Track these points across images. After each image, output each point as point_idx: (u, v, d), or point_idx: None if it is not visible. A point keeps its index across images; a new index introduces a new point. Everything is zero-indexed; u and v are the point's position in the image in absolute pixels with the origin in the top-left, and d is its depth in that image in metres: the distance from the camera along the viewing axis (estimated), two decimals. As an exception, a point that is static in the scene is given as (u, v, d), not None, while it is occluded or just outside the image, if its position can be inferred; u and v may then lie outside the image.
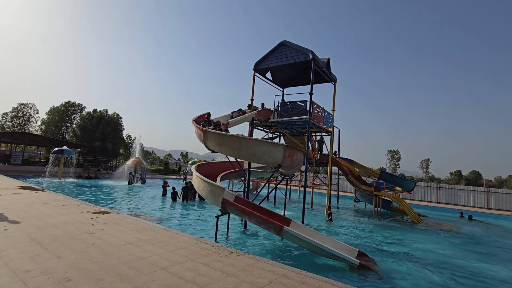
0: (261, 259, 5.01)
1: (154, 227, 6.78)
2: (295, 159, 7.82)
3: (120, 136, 35.67)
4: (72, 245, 4.91)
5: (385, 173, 16.20)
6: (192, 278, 3.88)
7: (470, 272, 6.64)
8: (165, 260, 4.50)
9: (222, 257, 4.91)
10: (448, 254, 8.21)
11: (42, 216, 6.93)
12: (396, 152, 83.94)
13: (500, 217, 18.58)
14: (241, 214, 7.13)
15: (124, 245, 5.11)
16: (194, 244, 5.54)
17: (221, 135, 7.58)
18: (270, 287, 3.80)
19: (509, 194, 22.24)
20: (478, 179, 73.25)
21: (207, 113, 10.16)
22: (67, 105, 40.67)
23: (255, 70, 13.04)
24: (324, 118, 12.87)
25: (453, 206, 22.14)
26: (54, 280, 3.47)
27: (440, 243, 9.64)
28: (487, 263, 7.65)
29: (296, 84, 15.90)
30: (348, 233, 10.17)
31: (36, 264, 3.95)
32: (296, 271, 4.50)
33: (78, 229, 5.97)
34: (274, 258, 6.49)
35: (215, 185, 7.50)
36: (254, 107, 12.55)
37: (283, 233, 6.45)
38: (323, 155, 16.37)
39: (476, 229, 13.29)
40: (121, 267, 4.07)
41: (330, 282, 4.17)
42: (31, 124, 43.88)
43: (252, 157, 7.40)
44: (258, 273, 4.28)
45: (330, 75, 13.39)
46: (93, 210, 8.26)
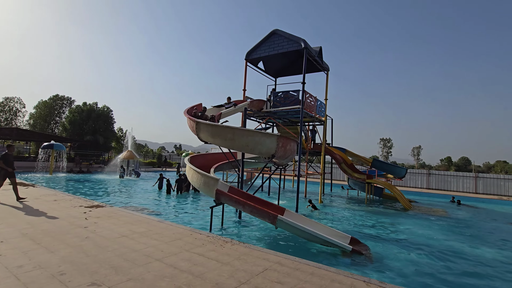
0: (255, 247, 5.07)
1: (149, 219, 6.78)
2: (288, 149, 7.83)
3: (111, 129, 35.11)
4: (65, 239, 4.88)
5: (377, 161, 16.44)
6: (188, 268, 3.91)
7: (458, 254, 6.87)
8: (160, 252, 4.51)
9: (217, 246, 4.95)
10: (437, 237, 8.45)
11: (32, 211, 6.84)
12: (388, 140, 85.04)
13: (488, 201, 19.16)
14: (235, 205, 7.17)
15: (118, 238, 5.10)
16: (189, 235, 5.57)
17: (214, 126, 7.52)
18: (264, 274, 3.86)
19: (496, 179, 22.88)
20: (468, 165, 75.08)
21: (200, 105, 10.06)
22: (56, 99, 39.65)
23: (247, 60, 12.89)
24: (316, 108, 12.88)
25: (443, 192, 22.70)
26: (48, 275, 3.45)
27: (429, 227, 9.91)
28: (474, 245, 7.91)
29: (289, 73, 15.80)
30: (341, 220, 10.35)
31: (28, 259, 3.92)
32: (290, 258, 4.57)
33: (71, 224, 5.92)
34: (269, 247, 6.57)
35: (208, 176, 7.49)
36: (246, 98, 12.47)
37: (277, 222, 6.52)
38: (316, 145, 16.46)
39: (464, 213, 13.69)
40: (115, 259, 4.07)
41: (323, 267, 4.26)
42: (19, 118, 42.83)
43: (245, 147, 7.39)
44: (252, 261, 4.34)
45: (323, 64, 13.33)
46: (86, 204, 8.19)
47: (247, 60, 12.86)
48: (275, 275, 3.84)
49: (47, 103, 39.00)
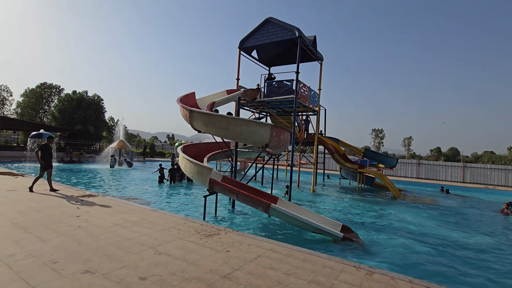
0: (248, 235, 5.14)
1: (142, 208, 6.78)
2: (282, 139, 7.84)
3: (102, 118, 34.50)
4: (57, 228, 4.85)
5: (368, 151, 16.67)
6: (181, 255, 3.95)
7: (444, 240, 7.10)
8: (153, 240, 4.53)
9: (211, 234, 5.00)
10: (425, 224, 8.71)
11: (23, 201, 6.75)
12: (381, 131, 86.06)
13: (474, 190, 19.73)
14: (229, 194, 7.20)
15: (111, 227, 5.10)
16: (183, 224, 5.60)
17: (208, 114, 7.46)
18: (258, 260, 3.93)
19: (483, 169, 23.52)
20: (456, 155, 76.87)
21: (193, 93, 9.94)
22: (43, 87, 38.60)
23: (240, 49, 12.71)
24: (310, 98, 12.87)
25: (433, 181, 23.25)
26: (40, 263, 3.44)
27: (418, 215, 10.18)
28: (460, 231, 8.18)
29: (283, 63, 15.68)
30: (333, 209, 10.54)
31: (20, 248, 3.89)
32: (283, 245, 4.66)
33: (62, 213, 5.88)
34: (262, 235, 6.67)
35: (202, 165, 7.48)
36: (239, 87, 12.36)
37: (271, 210, 6.60)
38: (310, 135, 16.54)
39: (452, 202, 14.09)
40: (109, 247, 4.08)
41: (315, 254, 4.36)
42: (6, 107, 41.67)
43: (239, 137, 7.36)
44: (246, 248, 4.41)
45: (317, 53, 13.25)
46: (78, 194, 8.12)
47: (240, 48, 12.68)
48: (268, 262, 3.91)
49: (34, 91, 37.97)
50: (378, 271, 3.81)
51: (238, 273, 3.48)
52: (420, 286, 3.44)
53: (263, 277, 3.43)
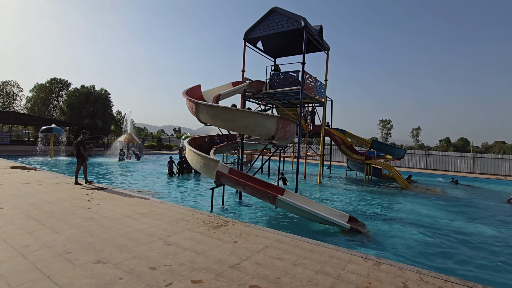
0: (255, 226, 5.19)
1: (151, 200, 6.89)
2: (288, 131, 7.80)
3: (109, 112, 34.86)
4: (69, 220, 4.98)
5: (376, 142, 16.49)
6: (190, 246, 4.02)
7: (453, 230, 7.05)
8: (162, 231, 4.62)
9: (219, 226, 5.06)
10: (433, 215, 8.64)
11: (36, 194, 6.93)
12: (388, 122, 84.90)
13: (485, 181, 19.42)
14: (235, 186, 7.25)
15: (121, 219, 5.20)
16: (191, 215, 5.68)
17: (214, 107, 7.46)
18: (265, 251, 3.98)
19: (494, 159, 23.07)
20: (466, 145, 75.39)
21: (199, 86, 9.93)
22: (53, 82, 39.07)
23: (245, 40, 12.57)
24: (316, 89, 12.72)
25: (441, 172, 22.95)
26: (54, 253, 3.55)
27: (426, 206, 10.10)
28: (468, 221, 8.10)
29: (289, 53, 15.47)
30: (340, 200, 10.53)
31: (34, 239, 4.01)
32: (290, 236, 4.69)
33: (74, 205, 6.02)
34: (269, 226, 6.72)
35: (208, 158, 7.52)
36: (245, 79, 12.29)
37: (277, 202, 6.63)
38: (316, 126, 16.43)
39: (461, 192, 13.91)
40: (119, 238, 4.18)
41: (322, 244, 4.38)
42: (16, 102, 42.41)
43: (245, 129, 7.35)
44: (253, 239, 4.45)
45: (323, 43, 13.02)
46: (88, 187, 8.29)
47: (245, 40, 12.55)
48: (275, 252, 3.95)
49: (44, 86, 38.48)
50: (385, 262, 3.82)
51: (246, 263, 3.53)
52: (428, 276, 3.43)
53: (271, 267, 3.47)
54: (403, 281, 3.28)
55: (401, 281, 3.28)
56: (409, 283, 3.23)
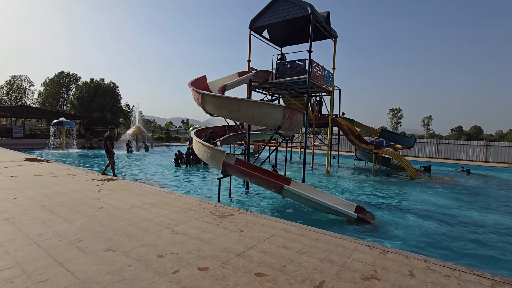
0: (262, 215, 5.23)
1: (159, 191, 7.00)
2: (294, 120, 7.75)
3: (118, 105, 35.28)
4: (81, 210, 5.12)
5: (385, 131, 16.21)
6: (197, 235, 4.09)
7: (462, 220, 6.95)
8: (170, 220, 4.70)
9: (225, 215, 5.12)
10: (443, 205, 8.52)
11: (49, 185, 7.13)
12: (398, 111, 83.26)
13: (497, 169, 18.96)
14: (242, 176, 7.29)
15: (131, 209, 5.32)
16: (198, 205, 5.75)
17: (220, 97, 7.44)
18: (271, 240, 4.01)
19: (507, 147, 22.43)
20: (479, 134, 73.39)
21: (204, 77, 9.90)
22: (62, 76, 39.68)
23: (251, 29, 12.39)
24: (324, 77, 12.51)
25: (452, 161, 22.50)
26: (66, 242, 3.67)
27: (436, 195, 9.96)
28: (479, 211, 7.96)
29: (295, 42, 15.19)
30: (348, 190, 10.48)
31: (47, 228, 4.15)
32: (296, 225, 4.72)
33: (85, 196, 6.18)
34: (275, 216, 6.77)
35: (215, 149, 7.56)
36: (251, 69, 12.17)
37: (284, 192, 6.65)
38: (324, 116, 16.24)
39: (472, 181, 13.64)
40: (128, 227, 4.28)
41: (328, 233, 4.39)
42: (28, 97, 43.31)
43: (251, 119, 7.33)
44: (259, 228, 4.49)
45: (330, 30, 12.71)
46: (98, 178, 8.48)
47: (251, 28, 12.36)
48: (281, 241, 3.98)
49: (53, 80, 39.12)
50: (392, 250, 3.80)
51: (252, 252, 3.57)
52: (435, 265, 3.41)
53: (276, 255, 3.50)
54: (409, 269, 3.27)
55: (407, 269, 3.27)
56: (416, 271, 3.21)
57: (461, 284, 2.97)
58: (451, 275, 3.16)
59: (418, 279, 3.05)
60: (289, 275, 3.01)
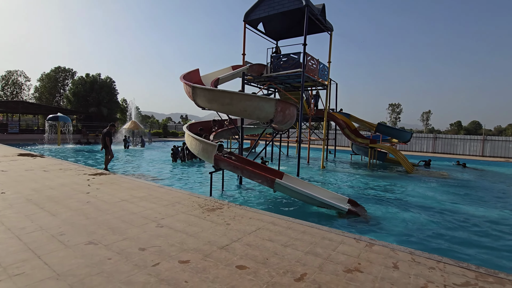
0: (251, 209, 5.19)
1: (150, 185, 6.95)
2: (287, 114, 7.68)
3: (115, 100, 35.06)
4: (68, 204, 5.06)
5: (381, 126, 16.14)
6: (182, 228, 4.05)
7: (455, 214, 6.93)
8: (157, 214, 4.66)
9: (214, 209, 5.08)
10: (437, 198, 8.50)
11: (39, 180, 7.07)
12: (398, 106, 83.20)
13: (494, 164, 18.98)
14: (234, 170, 7.24)
15: (119, 202, 5.27)
16: (187, 199, 5.71)
17: (211, 90, 7.35)
18: (257, 233, 3.97)
19: (504, 141, 22.43)
20: (478, 129, 73.47)
21: (197, 70, 9.79)
22: (58, 71, 39.37)
23: (245, 22, 12.21)
24: (319, 71, 12.39)
25: (449, 155, 22.51)
26: (48, 235, 3.62)
27: (430, 189, 9.95)
28: (472, 205, 7.95)
29: (291, 35, 15.01)
30: (342, 184, 10.46)
31: (31, 221, 4.10)
32: (284, 218, 4.68)
33: (74, 190, 6.12)
34: (267, 209, 6.73)
35: (206, 142, 7.49)
36: (246, 62, 12.04)
37: (275, 185, 6.60)
38: (320, 110, 16.15)
39: (467, 176, 13.64)
40: (113, 221, 4.23)
41: (316, 226, 4.35)
42: (24, 92, 43.02)
43: (243, 112, 7.26)
44: (246, 221, 4.45)
45: (326, 23, 12.55)
46: (90, 172, 8.42)
47: (245, 21, 12.19)
48: (267, 234, 3.94)
49: (50, 75, 38.81)
50: (378, 243, 3.77)
51: (236, 245, 3.53)
52: (421, 257, 3.38)
53: (260, 248, 3.46)
54: (394, 261, 3.23)
55: (392, 261, 3.23)
56: (400, 264, 3.18)
57: (445, 276, 2.94)
58: (436, 267, 3.13)
59: (402, 271, 3.01)
60: (271, 268, 2.98)
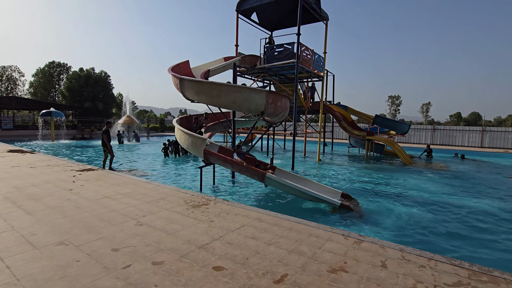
0: (238, 205, 4.99)
1: (137, 180, 6.75)
2: (279, 106, 7.43)
3: (110, 95, 34.63)
4: (47, 201, 4.86)
5: (379, 117, 15.88)
6: (162, 226, 3.85)
7: (453, 207, 6.76)
8: (139, 211, 4.46)
9: (199, 205, 4.88)
10: (433, 191, 8.32)
11: (23, 177, 6.86)
12: (397, 98, 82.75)
13: (492, 155, 18.79)
14: (223, 164, 7.03)
15: (101, 199, 5.07)
16: (174, 195, 5.51)
17: (199, 82, 7.09)
18: (240, 230, 3.78)
19: (503, 132, 22.22)
20: (478, 120, 73.20)
21: (187, 62, 9.50)
22: (52, 66, 38.82)
23: (237, 12, 11.85)
24: (314, 62, 12.08)
25: (448, 147, 22.31)
26: (18, 236, 3.42)
27: (427, 181, 9.77)
28: (469, 197, 7.78)
29: (286, 25, 14.62)
30: (337, 177, 10.27)
31: (3, 221, 3.90)
32: (271, 214, 4.48)
33: (57, 186, 5.92)
34: (258, 205, 6.55)
35: (196, 136, 7.27)
36: (239, 54, 11.73)
37: (266, 180, 6.42)
38: (316, 103, 15.88)
39: (465, 167, 13.47)
40: (91, 219, 4.03)
41: (303, 222, 4.16)
42: (19, 88, 42.54)
43: (232, 105, 7.01)
44: (231, 218, 4.26)
45: (321, 12, 12.19)
46: (78, 168, 8.21)
47: (238, 11, 11.82)
48: (251, 231, 3.75)
49: (44, 70, 38.29)
50: (367, 240, 3.58)
51: (216, 243, 3.34)
52: (411, 255, 3.19)
53: (242, 247, 3.27)
54: (382, 260, 3.05)
55: (380, 260, 3.05)
56: (388, 262, 2.99)
57: (435, 275, 2.75)
58: (427, 265, 2.95)
59: (390, 270, 2.83)
60: (250, 269, 2.78)
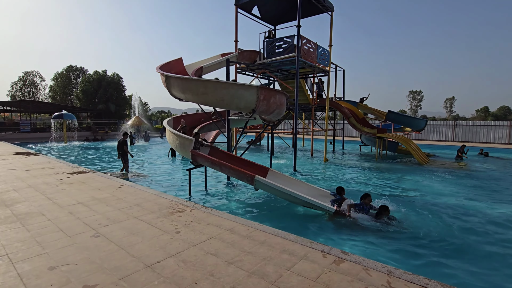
0: (215, 212, 4.52)
1: (120, 184, 6.44)
2: (272, 102, 6.88)
3: (123, 97, 35.25)
4: (16, 208, 4.62)
5: (392, 113, 14.86)
6: (119, 238, 3.45)
7: (465, 209, 5.96)
8: (104, 219, 4.10)
9: (173, 212, 4.46)
10: (449, 194, 7.48)
11: (11, 180, 6.74)
12: (419, 93, 79.17)
13: (522, 152, 17.21)
14: (212, 166, 6.59)
15: (72, 205, 4.77)
16: (151, 200, 5.13)
17: (184, 79, 6.68)
18: (205, 244, 3.31)
19: (535, 127, 20.35)
20: (508, 114, 68.35)
21: (180, 59, 9.14)
22: (69, 70, 40.14)
23: (237, 6, 11.36)
24: (318, 56, 11.38)
25: (471, 144, 20.73)
26: (-43, 249, 3.13)
27: (442, 182, 8.87)
28: (489, 201, 6.88)
29: (290, 19, 13.94)
30: (343, 179, 9.57)
31: (-45, 231, 3.64)
32: (247, 224, 3.98)
33: (37, 191, 5.71)
34: (248, 211, 6.07)
35: (184, 137, 6.88)
36: (238, 50, 11.25)
37: (255, 183, 5.90)
38: (324, 99, 15.11)
39: (489, 166, 12.27)
40: (47, 229, 3.70)
41: (281, 234, 3.62)
42: (40, 92, 44.39)
43: (220, 102, 6.55)
44: (201, 228, 3.80)
45: (325, 2, 11.45)
46: (70, 171, 8.06)
47: (237, 5, 11.34)
48: (216, 245, 3.27)
49: (62, 74, 39.66)
50: (350, 258, 3.00)
51: (169, 261, 2.89)
52: (400, 280, 2.58)
53: (197, 266, 2.80)
54: (361, 287, 2.47)
55: (358, 287, 2.47)
56: (369, 291, 2.41)
57: (426, 312, 2.14)
58: (417, 296, 2.34)
59: (368, 303, 2.25)
60: (192, 298, 2.30)
